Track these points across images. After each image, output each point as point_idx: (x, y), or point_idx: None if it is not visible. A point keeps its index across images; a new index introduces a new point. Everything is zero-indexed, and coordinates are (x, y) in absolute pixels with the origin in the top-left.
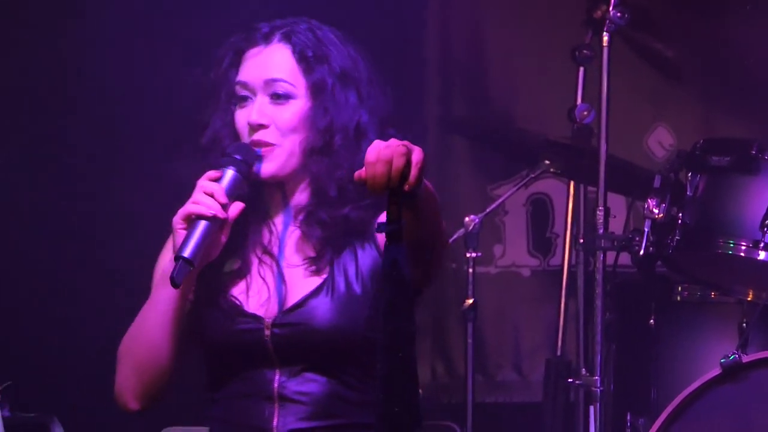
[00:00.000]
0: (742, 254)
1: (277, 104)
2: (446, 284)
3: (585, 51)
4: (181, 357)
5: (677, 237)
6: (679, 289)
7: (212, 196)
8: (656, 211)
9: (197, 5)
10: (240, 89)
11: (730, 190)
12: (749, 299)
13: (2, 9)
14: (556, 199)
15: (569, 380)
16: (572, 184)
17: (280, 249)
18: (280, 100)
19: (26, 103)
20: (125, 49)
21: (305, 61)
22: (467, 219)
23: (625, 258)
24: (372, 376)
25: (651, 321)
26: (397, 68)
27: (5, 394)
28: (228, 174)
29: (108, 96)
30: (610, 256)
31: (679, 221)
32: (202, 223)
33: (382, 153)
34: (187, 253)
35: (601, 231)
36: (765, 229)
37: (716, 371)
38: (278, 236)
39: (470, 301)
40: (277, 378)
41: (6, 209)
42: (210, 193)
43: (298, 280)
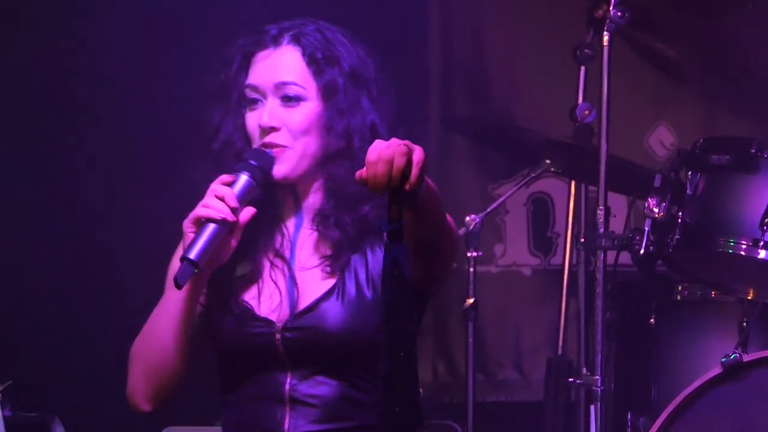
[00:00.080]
0: (743, 253)
1: (288, 107)
2: (447, 284)
3: (586, 50)
4: (193, 359)
5: (677, 236)
6: (680, 288)
7: (223, 200)
8: (656, 211)
9: (199, 5)
10: (250, 92)
11: (730, 189)
12: (749, 298)
13: (3, 9)
14: (557, 199)
15: (570, 379)
16: (573, 184)
17: (292, 252)
18: (291, 103)
19: (27, 104)
20: (126, 50)
21: (315, 63)
22: (468, 218)
23: (626, 257)
24: None
25: (651, 320)
26: (398, 68)
27: (6, 394)
28: (241, 179)
29: (108, 96)
30: (611, 256)
31: (680, 220)
32: (211, 226)
33: (383, 152)
34: (193, 255)
35: (602, 230)
36: (765, 228)
37: (717, 370)
38: (290, 239)
39: (471, 301)
40: (289, 381)
41: (7, 209)
42: (221, 197)
43: (310, 283)
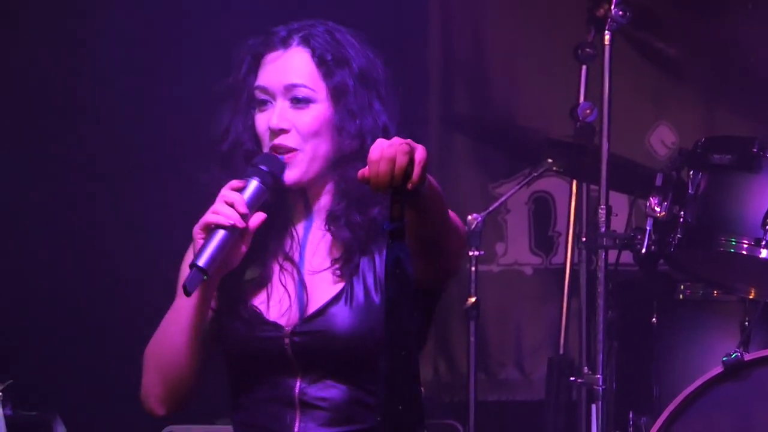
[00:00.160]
0: (744, 252)
1: (298, 109)
2: (448, 283)
3: (587, 49)
4: (205, 363)
5: (679, 235)
6: (681, 288)
7: (233, 206)
8: (658, 210)
9: (198, 4)
10: (260, 93)
11: (732, 188)
12: (751, 297)
13: (3, 9)
14: (558, 198)
15: (571, 378)
16: (574, 183)
17: (302, 255)
18: (301, 105)
19: (27, 104)
20: (126, 50)
21: (325, 65)
22: (469, 218)
23: (627, 256)
24: None
25: (653, 319)
26: (399, 67)
27: (7, 392)
28: (252, 184)
29: (108, 96)
30: (612, 255)
31: (681, 219)
32: (220, 233)
33: (385, 151)
34: (202, 262)
35: (603, 229)
36: (767, 227)
37: (718, 369)
38: (299, 242)
39: (472, 300)
40: (298, 384)
41: (7, 209)
42: (231, 203)
43: (320, 287)
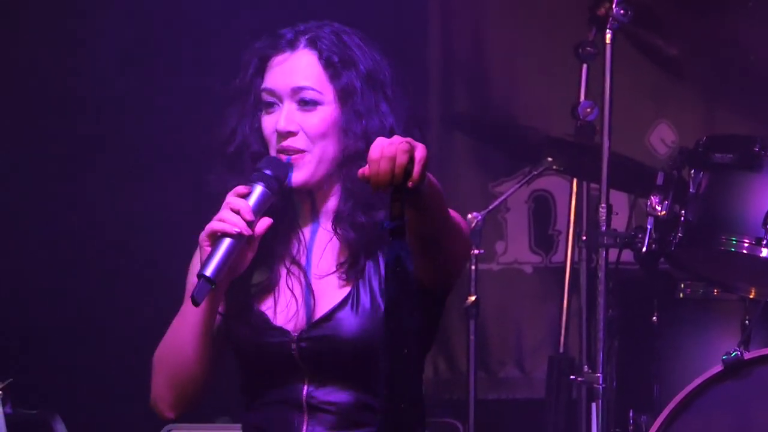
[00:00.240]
0: (745, 251)
1: (305, 111)
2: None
3: (588, 48)
4: (215, 366)
5: (680, 234)
6: (682, 286)
7: (238, 213)
8: (659, 208)
9: (198, 5)
10: (266, 96)
11: (733, 188)
12: (751, 296)
13: (3, 9)
14: (559, 196)
15: (572, 377)
16: (575, 181)
17: (308, 258)
18: (308, 107)
19: (27, 104)
20: (127, 50)
21: (332, 67)
22: (469, 216)
23: (628, 255)
24: None
25: (653, 318)
26: (399, 66)
27: (7, 391)
28: (257, 190)
29: (109, 96)
30: (613, 253)
31: (682, 218)
32: (227, 241)
33: (386, 150)
34: (209, 272)
35: (604, 228)
36: (767, 227)
37: (718, 368)
38: (306, 245)
39: (472, 298)
40: (306, 388)
41: (7, 209)
42: (236, 210)
43: (326, 291)
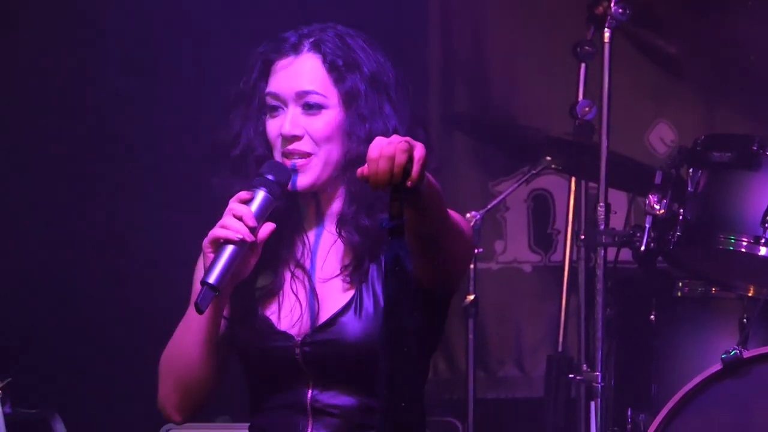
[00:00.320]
0: (743, 250)
1: (310, 114)
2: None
3: (586, 47)
4: (221, 370)
5: (678, 233)
6: (680, 285)
7: (241, 219)
8: (657, 207)
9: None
10: (271, 100)
11: (731, 186)
12: (750, 295)
13: (3, 9)
14: (558, 196)
15: (570, 376)
16: (573, 180)
17: (313, 261)
18: (312, 111)
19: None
20: (127, 50)
21: (336, 71)
22: (468, 215)
23: (626, 254)
24: None
25: (652, 317)
26: (399, 65)
27: (6, 390)
28: (259, 195)
29: (109, 96)
30: (611, 252)
31: (680, 217)
32: (230, 248)
33: (385, 149)
34: (212, 280)
35: (602, 227)
36: (766, 225)
37: (717, 367)
38: (311, 248)
39: (471, 297)
40: (310, 392)
41: (7, 209)
42: (239, 216)
43: (330, 295)
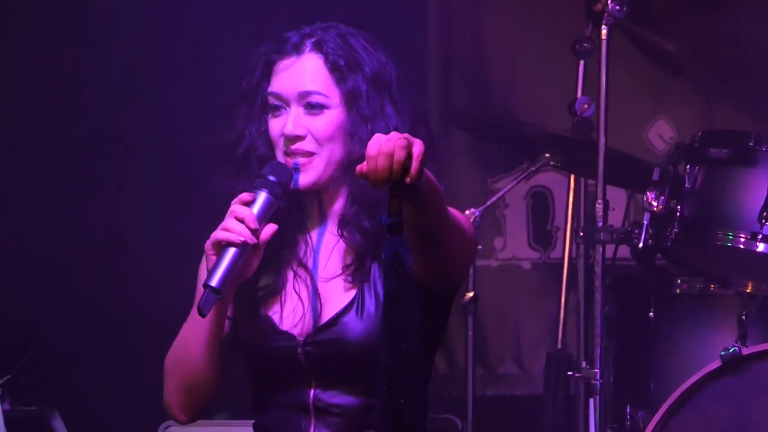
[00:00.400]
0: (741, 246)
1: (312, 115)
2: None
3: (585, 44)
4: (225, 370)
5: (676, 229)
6: (679, 282)
7: (243, 221)
8: (655, 204)
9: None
10: (273, 100)
11: (729, 182)
12: (748, 291)
13: (3, 9)
14: (557, 192)
15: (569, 373)
16: (572, 177)
17: (315, 261)
18: (315, 111)
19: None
20: (127, 50)
21: (338, 71)
22: (468, 212)
23: (625, 251)
24: None
25: (651, 313)
26: (398, 62)
27: (6, 388)
28: (261, 197)
29: (109, 97)
30: (610, 249)
31: (678, 214)
32: (232, 250)
33: (384, 146)
34: (214, 283)
35: (601, 224)
36: (763, 221)
37: (716, 364)
38: (313, 247)
39: (471, 294)
40: (312, 392)
41: (7, 208)
42: (241, 218)
43: (333, 295)
